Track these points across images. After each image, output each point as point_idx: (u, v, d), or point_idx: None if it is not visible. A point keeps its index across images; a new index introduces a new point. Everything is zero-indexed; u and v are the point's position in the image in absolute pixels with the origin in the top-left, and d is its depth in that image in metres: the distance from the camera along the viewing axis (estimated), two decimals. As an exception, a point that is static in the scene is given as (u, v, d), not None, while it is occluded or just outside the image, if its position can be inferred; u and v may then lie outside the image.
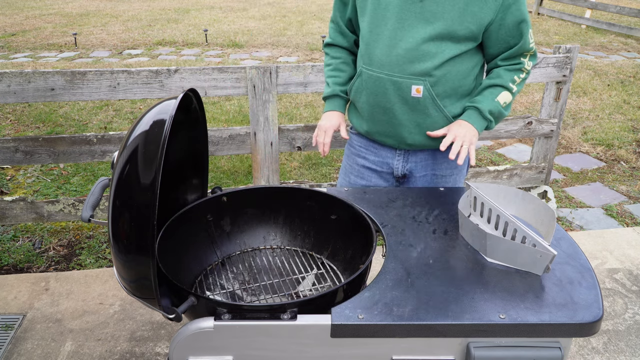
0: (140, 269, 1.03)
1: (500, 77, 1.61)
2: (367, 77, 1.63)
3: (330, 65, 1.80)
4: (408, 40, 1.53)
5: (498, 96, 1.60)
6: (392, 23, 1.54)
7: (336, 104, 1.77)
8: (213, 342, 1.07)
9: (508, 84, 1.61)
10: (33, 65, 7.20)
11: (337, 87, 1.76)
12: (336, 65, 1.78)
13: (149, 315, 2.36)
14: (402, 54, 1.54)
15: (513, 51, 1.59)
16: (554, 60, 2.99)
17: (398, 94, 1.58)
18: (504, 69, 1.62)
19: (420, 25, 1.51)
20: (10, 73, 2.48)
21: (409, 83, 1.56)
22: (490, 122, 1.62)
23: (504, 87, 1.61)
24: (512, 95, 1.63)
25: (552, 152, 3.31)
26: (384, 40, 1.56)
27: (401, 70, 1.55)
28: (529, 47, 1.60)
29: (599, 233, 3.14)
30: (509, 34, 1.55)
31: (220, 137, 2.77)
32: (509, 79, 1.61)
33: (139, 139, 1.05)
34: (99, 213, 2.86)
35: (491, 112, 1.59)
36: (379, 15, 1.56)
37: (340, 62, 1.78)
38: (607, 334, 2.30)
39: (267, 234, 1.56)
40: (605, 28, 10.20)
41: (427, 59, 1.53)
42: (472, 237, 1.28)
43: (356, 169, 1.82)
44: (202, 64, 7.35)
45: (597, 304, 1.09)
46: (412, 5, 1.51)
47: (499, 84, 1.61)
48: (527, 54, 1.61)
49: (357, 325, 1.05)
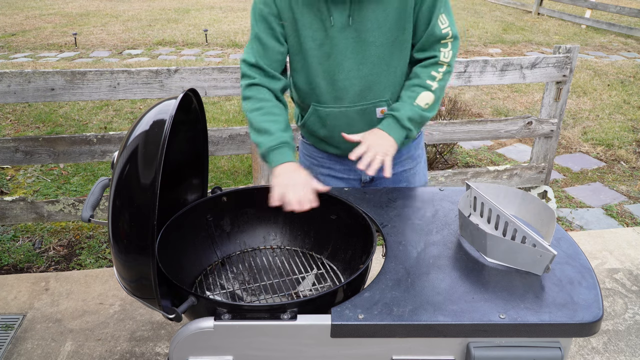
0: (140, 269, 1.03)
1: (417, 77, 1.47)
2: (324, 114, 1.53)
3: (260, 110, 1.45)
4: (358, 69, 1.45)
5: (417, 98, 1.45)
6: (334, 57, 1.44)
7: (289, 154, 1.41)
8: (213, 342, 1.07)
9: (426, 83, 1.45)
10: (33, 65, 7.20)
11: (285, 135, 1.42)
12: (269, 108, 1.45)
13: (149, 315, 2.36)
14: (357, 84, 1.46)
15: (423, 40, 1.44)
16: (554, 60, 2.99)
17: (363, 120, 1.52)
18: (420, 66, 1.48)
19: (362, 49, 1.42)
20: (10, 73, 2.48)
21: (373, 107, 1.50)
22: (409, 131, 1.46)
23: (422, 86, 1.45)
24: (433, 94, 1.45)
25: (552, 152, 3.31)
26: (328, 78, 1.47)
27: (362, 99, 1.49)
28: (441, 34, 1.43)
29: (599, 233, 3.14)
30: (423, 19, 1.41)
31: (220, 137, 2.77)
32: (426, 77, 1.45)
33: (139, 139, 1.05)
34: (99, 213, 2.86)
35: (410, 119, 1.44)
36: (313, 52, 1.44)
37: (272, 105, 1.47)
38: (607, 334, 2.30)
39: (267, 234, 1.56)
40: (605, 28, 10.20)
41: (382, 79, 1.47)
42: (472, 237, 1.28)
43: (320, 178, 1.70)
44: (202, 64, 7.35)
45: (597, 304, 1.09)
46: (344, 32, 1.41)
47: (416, 84, 1.46)
48: (444, 41, 1.44)
49: (357, 325, 1.05)
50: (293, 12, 1.41)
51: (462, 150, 4.53)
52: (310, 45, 1.44)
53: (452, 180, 3.20)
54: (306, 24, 1.42)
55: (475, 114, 5.32)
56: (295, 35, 1.45)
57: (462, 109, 4.47)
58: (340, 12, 1.39)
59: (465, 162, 4.30)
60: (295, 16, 1.42)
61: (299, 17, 1.41)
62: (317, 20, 1.41)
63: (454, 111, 4.12)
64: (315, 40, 1.43)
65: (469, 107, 5.43)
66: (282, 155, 1.39)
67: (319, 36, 1.43)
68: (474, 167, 4.21)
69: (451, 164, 4.21)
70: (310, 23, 1.42)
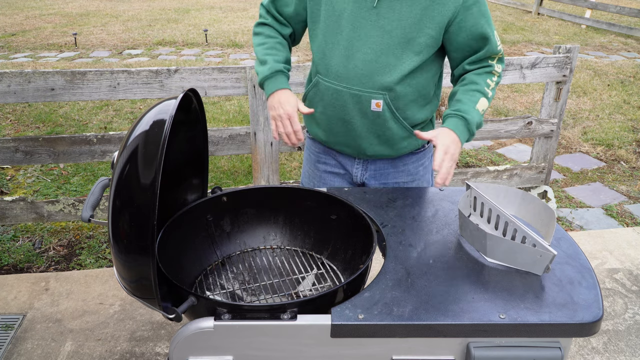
0: (140, 269, 1.03)
1: (474, 83, 1.49)
2: (324, 88, 1.55)
3: (265, 44, 1.59)
4: (365, 52, 1.45)
5: (478, 103, 1.47)
6: (347, 32, 1.45)
7: (282, 81, 1.54)
8: (213, 342, 1.07)
9: (484, 89, 1.48)
10: (33, 65, 7.20)
11: (280, 64, 1.54)
12: (272, 44, 1.58)
13: (149, 315, 2.36)
14: (360, 67, 1.46)
15: (480, 54, 1.49)
16: (554, 60, 2.99)
17: (357, 108, 1.52)
18: (475, 73, 1.51)
19: (377, 34, 1.43)
20: (10, 73, 2.48)
21: (369, 97, 1.49)
22: (472, 136, 1.49)
23: (480, 92, 1.48)
24: (488, 101, 1.49)
25: (552, 152, 3.31)
26: (339, 50, 1.48)
27: (360, 84, 1.48)
28: (497, 50, 1.49)
29: (599, 233, 3.14)
30: (472, 37, 1.45)
31: (220, 137, 2.77)
32: (484, 84, 1.49)
33: (139, 139, 1.05)
34: (99, 213, 2.86)
35: (478, 124, 1.48)
36: (332, 22, 1.47)
37: (276, 42, 1.60)
38: (607, 334, 2.30)
39: (267, 234, 1.56)
40: (605, 28, 10.20)
41: (386, 72, 1.46)
42: (472, 237, 1.28)
43: (317, 174, 1.75)
44: (202, 64, 7.35)
45: (597, 304, 1.09)
46: (366, 12, 1.42)
47: (476, 89, 1.48)
48: (495, 56, 1.51)
49: (357, 325, 1.05)
50: None
51: (462, 150, 4.53)
52: (330, 13, 1.49)
53: (452, 180, 3.20)
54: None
55: (475, 114, 5.31)
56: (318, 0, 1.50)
57: (462, 109, 4.47)
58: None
59: (465, 162, 4.31)
60: None
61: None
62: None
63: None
64: (336, 10, 1.47)
65: (469, 107, 5.42)
66: (275, 83, 1.54)
67: (340, 7, 1.46)
68: (474, 167, 4.21)
69: (451, 164, 4.20)
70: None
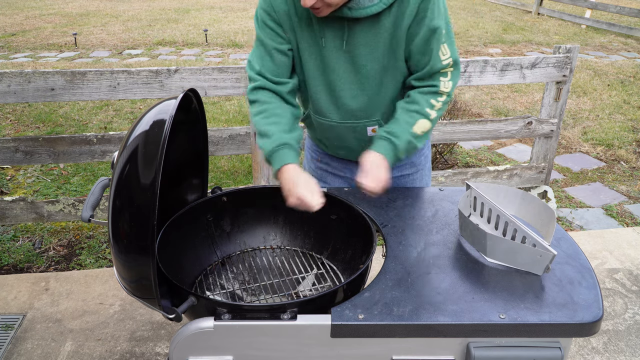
0: (140, 269, 1.03)
1: (416, 103, 1.42)
2: (317, 124, 1.57)
3: (263, 113, 1.43)
4: (350, 88, 1.46)
5: (414, 125, 1.41)
6: (328, 74, 1.44)
7: (288, 156, 1.36)
8: (213, 342, 1.07)
9: (425, 111, 1.41)
10: (33, 65, 7.20)
11: (284, 135, 1.38)
12: (272, 110, 1.43)
13: (149, 315, 2.36)
14: (349, 104, 1.48)
15: (425, 72, 1.41)
16: (554, 60, 2.99)
17: (354, 136, 1.55)
18: (419, 92, 1.43)
19: (354, 70, 1.42)
20: (10, 73, 2.48)
21: (364, 126, 1.52)
22: (400, 160, 1.46)
23: (420, 114, 1.41)
24: (430, 122, 1.42)
25: (552, 152, 3.31)
26: (325, 92, 1.48)
27: (353, 118, 1.51)
28: (441, 65, 1.39)
29: (599, 233, 3.14)
30: (419, 49, 1.37)
31: (220, 137, 2.77)
32: (425, 105, 1.41)
33: (139, 139, 1.05)
34: (99, 213, 2.86)
35: (407, 149, 1.42)
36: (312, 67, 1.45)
37: (275, 107, 1.44)
38: (607, 334, 2.30)
39: (267, 234, 1.56)
40: (605, 28, 10.20)
41: (374, 102, 1.48)
42: (472, 237, 1.28)
43: (319, 173, 1.76)
44: (202, 64, 7.35)
45: (597, 304, 1.09)
46: (338, 53, 1.41)
47: (416, 110, 1.42)
48: (444, 70, 1.41)
49: (357, 325, 1.05)
50: (292, 24, 1.41)
51: (462, 150, 4.53)
52: (307, 59, 1.45)
53: (452, 180, 3.20)
54: (304, 38, 1.42)
55: (475, 114, 5.32)
56: (296, 47, 1.45)
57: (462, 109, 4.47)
58: (334, 35, 1.39)
59: (465, 162, 4.30)
60: (294, 28, 1.42)
61: (297, 30, 1.42)
62: (312, 37, 1.41)
63: (454, 111, 4.13)
64: (311, 54, 1.44)
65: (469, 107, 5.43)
66: (281, 158, 1.36)
67: (315, 52, 1.43)
68: (474, 167, 4.21)
69: (451, 164, 4.21)
70: (307, 38, 1.42)
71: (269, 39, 1.43)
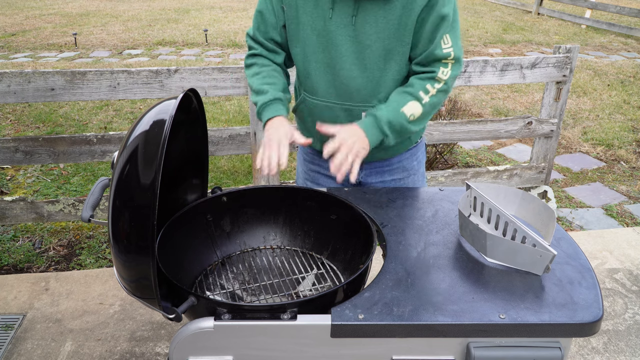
0: (140, 269, 1.03)
1: (410, 86, 1.44)
2: (312, 106, 1.55)
3: (259, 74, 1.51)
4: (349, 69, 1.44)
5: (405, 106, 1.41)
6: (328, 51, 1.43)
7: (279, 109, 1.46)
8: (213, 342, 1.07)
9: (418, 93, 1.42)
10: (33, 65, 7.20)
11: (278, 92, 1.48)
12: (268, 72, 1.52)
13: (149, 315, 2.36)
14: (346, 83, 1.46)
15: (424, 56, 1.41)
16: (554, 60, 2.99)
17: (349, 120, 1.50)
18: (417, 77, 1.45)
19: (357, 50, 1.41)
20: (10, 73, 2.48)
21: (359, 110, 1.49)
22: (386, 137, 1.42)
23: (412, 95, 1.42)
24: (422, 107, 1.42)
25: (552, 152, 3.31)
26: (323, 69, 1.47)
27: (349, 99, 1.49)
28: (442, 54, 1.40)
29: (599, 233, 3.14)
30: (425, 35, 1.39)
31: (220, 137, 2.77)
32: (420, 88, 1.42)
33: (139, 139, 1.05)
34: (99, 213, 2.86)
35: (390, 123, 1.40)
36: (312, 42, 1.44)
37: (271, 69, 1.53)
38: (607, 334, 2.30)
39: (267, 234, 1.56)
40: (605, 28, 10.20)
41: (372, 85, 1.46)
42: (472, 237, 1.28)
43: (311, 175, 1.74)
44: (202, 64, 7.35)
45: (597, 304, 1.09)
46: (344, 29, 1.39)
47: (408, 92, 1.43)
48: (445, 61, 1.42)
49: (357, 325, 1.05)
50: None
51: (462, 150, 4.53)
52: (308, 33, 1.45)
53: (452, 180, 3.20)
54: (307, 11, 1.42)
55: (475, 114, 5.32)
56: (295, 22, 1.45)
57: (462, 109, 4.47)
58: (344, 10, 1.39)
59: (465, 162, 4.30)
60: (297, 1, 1.42)
61: (301, 3, 1.42)
62: (317, 9, 1.41)
63: (454, 111, 4.13)
64: (314, 29, 1.43)
65: (469, 107, 5.43)
66: (272, 111, 1.46)
67: (318, 26, 1.42)
68: (474, 167, 4.21)
69: (451, 164, 4.21)
70: (311, 11, 1.42)
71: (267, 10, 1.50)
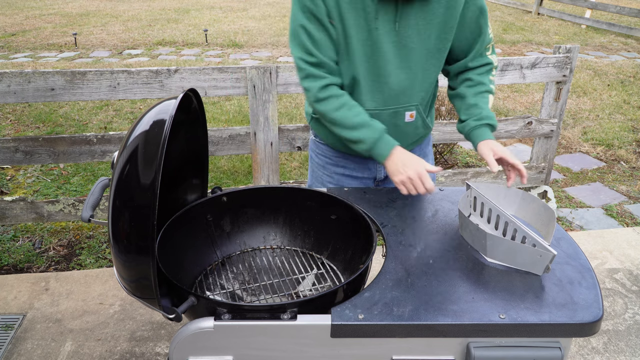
0: (140, 269, 1.03)
1: (482, 84, 1.56)
2: None
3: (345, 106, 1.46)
4: (396, 73, 1.47)
5: (489, 104, 1.57)
6: (376, 59, 1.45)
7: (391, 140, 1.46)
8: (213, 342, 1.07)
9: (491, 88, 1.57)
10: (33, 65, 7.20)
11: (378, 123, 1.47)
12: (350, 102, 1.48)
13: (149, 315, 2.36)
14: (395, 88, 1.49)
15: (477, 48, 1.53)
16: (554, 60, 2.99)
17: (392, 122, 1.54)
18: (478, 73, 1.56)
19: (403, 53, 1.45)
20: (10, 73, 2.48)
21: (404, 111, 1.54)
22: None
23: (490, 92, 1.57)
24: (493, 96, 1.60)
25: (552, 152, 3.31)
26: (370, 78, 1.48)
27: (396, 102, 1.52)
28: (489, 39, 1.54)
29: (599, 233, 3.14)
30: (470, 28, 1.49)
31: (220, 137, 2.77)
32: (489, 82, 1.57)
33: (139, 139, 1.05)
34: (99, 213, 2.86)
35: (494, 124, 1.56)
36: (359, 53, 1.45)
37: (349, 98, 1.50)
38: (607, 334, 2.30)
39: (267, 234, 1.56)
40: (605, 28, 10.20)
41: (417, 85, 1.51)
42: (472, 237, 1.28)
43: (335, 177, 1.72)
44: (202, 64, 7.35)
45: (597, 304, 1.09)
46: (387, 35, 1.42)
47: (485, 90, 1.56)
48: (489, 46, 1.55)
49: (357, 325, 1.05)
50: (340, 11, 1.41)
51: (462, 150, 4.53)
52: (355, 44, 1.44)
53: (452, 180, 3.20)
54: (352, 23, 1.42)
55: (475, 114, 5.31)
56: (343, 35, 1.45)
57: (462, 109, 4.47)
58: (387, 17, 1.41)
59: (465, 162, 4.30)
60: (342, 14, 1.42)
61: (346, 16, 1.42)
62: (362, 20, 1.42)
63: (454, 111, 4.12)
64: (360, 39, 1.44)
65: (469, 107, 5.41)
66: (389, 142, 1.44)
67: (363, 36, 1.44)
68: (474, 167, 4.21)
69: (451, 164, 4.21)
70: (356, 22, 1.42)
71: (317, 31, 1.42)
